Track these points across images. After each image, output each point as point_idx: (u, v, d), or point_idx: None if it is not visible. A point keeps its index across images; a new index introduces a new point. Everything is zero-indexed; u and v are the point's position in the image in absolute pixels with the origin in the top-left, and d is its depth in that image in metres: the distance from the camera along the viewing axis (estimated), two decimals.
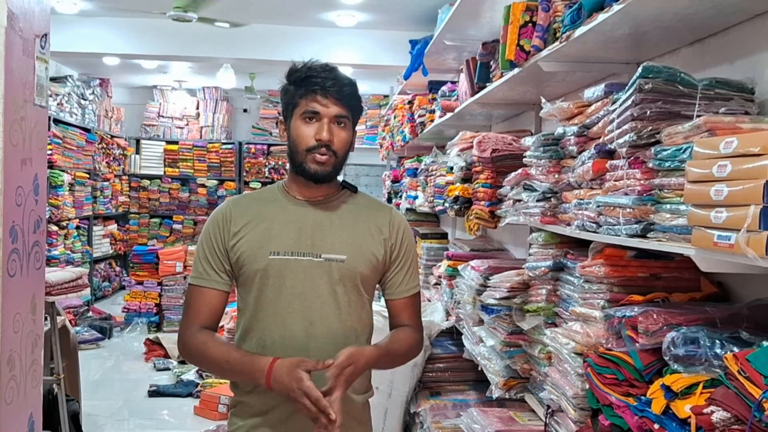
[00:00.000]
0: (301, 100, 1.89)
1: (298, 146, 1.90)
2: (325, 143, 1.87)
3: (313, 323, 1.90)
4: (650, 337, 1.59)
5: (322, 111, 1.87)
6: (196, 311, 1.94)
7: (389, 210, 2.07)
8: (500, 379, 2.68)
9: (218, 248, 1.94)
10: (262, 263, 1.90)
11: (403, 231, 2.04)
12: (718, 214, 1.25)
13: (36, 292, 2.07)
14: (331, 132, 1.87)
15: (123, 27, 7.65)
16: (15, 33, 1.85)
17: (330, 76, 1.89)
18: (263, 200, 2.02)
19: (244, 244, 1.92)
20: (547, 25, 2.41)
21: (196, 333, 1.91)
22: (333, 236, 1.94)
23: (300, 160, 1.90)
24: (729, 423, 1.26)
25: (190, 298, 1.96)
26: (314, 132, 1.87)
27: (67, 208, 8.58)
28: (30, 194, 1.99)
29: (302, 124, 1.89)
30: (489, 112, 4.11)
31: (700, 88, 1.62)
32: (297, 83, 1.91)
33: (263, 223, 1.94)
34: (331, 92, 1.87)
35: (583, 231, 1.98)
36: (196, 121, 11.80)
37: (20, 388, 1.97)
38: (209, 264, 1.95)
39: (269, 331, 1.90)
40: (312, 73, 1.89)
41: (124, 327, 8.33)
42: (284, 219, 1.94)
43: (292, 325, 1.89)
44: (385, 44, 7.56)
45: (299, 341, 1.89)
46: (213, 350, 1.87)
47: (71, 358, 4.49)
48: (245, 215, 1.96)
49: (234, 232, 1.94)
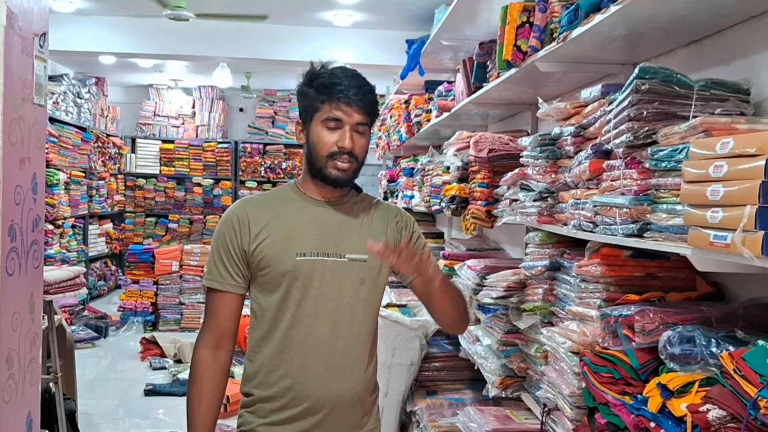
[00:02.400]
0: (323, 105, 1.89)
1: (319, 151, 1.90)
2: (348, 151, 1.88)
3: (338, 323, 1.92)
4: (646, 336, 1.60)
5: (344, 119, 1.87)
6: (215, 315, 1.97)
7: (396, 207, 2.12)
8: (497, 378, 2.69)
9: (235, 251, 1.93)
10: (289, 264, 1.89)
11: (410, 220, 2.10)
12: (714, 214, 1.26)
13: (34, 291, 2.07)
14: (353, 139, 1.88)
15: (119, 26, 7.64)
16: (14, 32, 1.85)
17: (353, 83, 1.89)
18: (279, 199, 2.01)
19: (267, 246, 1.91)
20: (544, 26, 2.41)
21: (206, 356, 1.95)
22: (354, 236, 1.96)
23: (320, 165, 1.91)
24: (725, 421, 1.27)
25: (209, 301, 1.98)
26: (336, 139, 1.88)
27: (62, 207, 8.57)
28: (28, 193, 1.99)
29: (323, 129, 1.89)
30: (485, 112, 4.12)
31: (696, 89, 1.63)
32: (319, 89, 1.90)
33: (284, 224, 1.93)
34: (354, 101, 1.87)
35: (580, 231, 1.99)
36: (192, 120, 11.79)
37: (18, 387, 1.97)
38: (225, 268, 1.94)
39: (295, 331, 1.91)
40: (335, 80, 1.88)
41: (120, 326, 8.32)
42: (305, 219, 1.95)
43: (319, 326, 1.91)
44: (382, 44, 7.56)
45: (325, 341, 1.91)
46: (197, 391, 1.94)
47: (67, 357, 4.48)
48: (264, 216, 1.94)
49: (255, 234, 1.92)
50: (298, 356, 1.91)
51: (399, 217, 2.07)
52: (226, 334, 1.97)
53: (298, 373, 1.91)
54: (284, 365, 1.92)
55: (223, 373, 1.98)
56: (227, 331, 1.97)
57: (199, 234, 11.42)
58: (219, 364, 1.96)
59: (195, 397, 1.95)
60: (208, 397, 1.94)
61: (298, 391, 1.90)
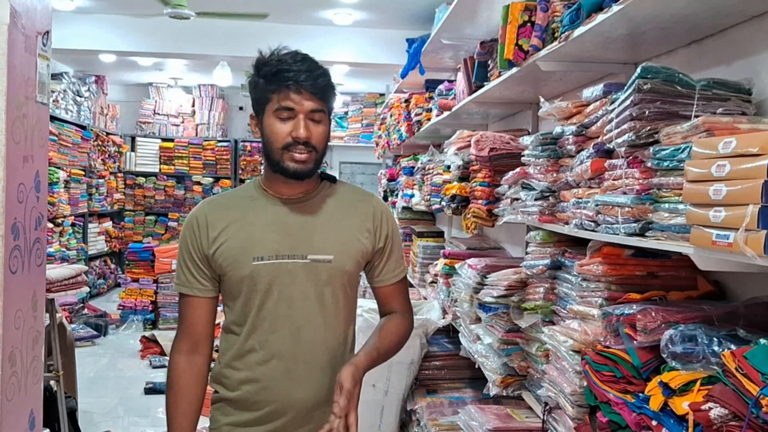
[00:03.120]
0: (273, 95, 1.79)
1: (273, 144, 1.81)
2: (303, 141, 1.79)
3: (300, 327, 1.86)
4: (648, 335, 1.61)
5: (296, 107, 1.78)
6: (187, 320, 1.94)
7: (371, 198, 2.02)
8: (497, 376, 2.70)
9: (198, 255, 1.89)
10: (246, 270, 1.84)
11: (387, 218, 1.99)
12: (716, 213, 1.27)
13: (37, 289, 2.08)
14: (307, 128, 1.79)
15: (119, 24, 7.63)
16: (17, 30, 1.86)
17: (303, 68, 1.78)
18: (240, 200, 1.94)
19: (225, 250, 1.85)
20: (545, 25, 2.42)
21: (180, 361, 1.93)
22: (318, 236, 1.88)
23: (277, 158, 1.82)
24: (727, 419, 1.28)
25: (181, 306, 1.96)
26: (290, 129, 1.79)
27: (62, 205, 8.57)
28: (31, 191, 1.99)
29: (276, 121, 1.80)
30: (486, 111, 4.12)
31: (698, 89, 1.64)
32: (267, 78, 1.80)
33: (244, 226, 1.87)
34: (305, 86, 1.77)
35: (582, 230, 1.99)
36: (192, 118, 11.79)
37: (21, 385, 1.98)
38: (190, 272, 1.91)
39: (256, 336, 1.87)
40: (283, 66, 1.77)
41: (120, 324, 8.32)
42: (266, 220, 1.87)
43: (280, 330, 1.86)
44: (382, 43, 7.56)
45: (285, 346, 1.86)
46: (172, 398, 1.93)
47: (68, 356, 4.49)
48: (223, 218, 1.88)
49: (213, 238, 1.87)
50: (259, 361, 1.87)
51: (375, 214, 1.96)
52: (201, 338, 1.93)
53: (260, 379, 1.87)
54: (245, 370, 1.88)
55: (200, 379, 1.94)
56: (201, 336, 1.93)
57: None
58: (195, 369, 1.93)
59: (171, 404, 1.93)
60: (184, 402, 1.92)
61: (260, 396, 1.86)
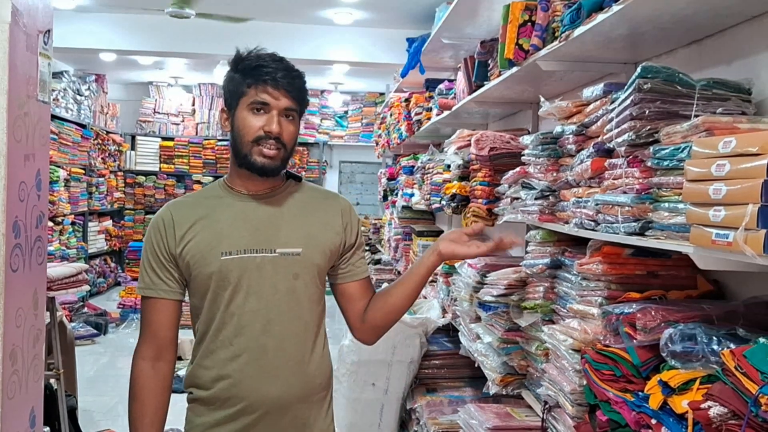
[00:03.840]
0: (249, 89, 1.80)
1: (243, 137, 1.82)
2: (275, 136, 1.80)
3: (270, 321, 1.85)
4: (648, 334, 1.61)
5: (271, 102, 1.80)
6: (151, 324, 1.91)
7: (337, 197, 2.06)
8: (497, 375, 2.70)
9: (163, 256, 1.88)
10: (215, 266, 1.83)
11: (354, 216, 2.02)
12: (716, 213, 1.27)
13: (38, 287, 2.08)
14: (280, 124, 1.80)
15: (119, 23, 7.63)
16: (19, 29, 1.86)
17: (281, 67, 1.81)
18: (206, 199, 1.94)
19: (192, 247, 1.85)
20: (546, 25, 2.42)
21: (144, 368, 1.91)
22: (286, 230, 1.88)
23: (245, 151, 1.82)
24: (726, 418, 1.28)
25: (143, 310, 1.93)
26: (262, 123, 1.80)
27: (62, 204, 8.57)
28: (32, 190, 1.99)
29: (249, 114, 1.81)
30: (486, 110, 4.13)
31: (698, 89, 1.64)
32: (245, 72, 1.82)
33: (211, 224, 1.87)
34: (281, 84, 1.80)
35: (582, 229, 2.00)
36: (192, 117, 11.78)
37: (22, 383, 1.98)
38: (155, 274, 1.89)
39: (225, 332, 1.85)
40: (262, 62, 1.81)
41: (120, 323, 8.32)
42: (232, 216, 1.87)
43: (249, 326, 1.84)
44: (382, 42, 7.56)
45: (255, 340, 1.85)
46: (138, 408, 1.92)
47: (68, 354, 4.49)
48: (189, 217, 1.88)
49: (180, 236, 1.86)
50: (229, 357, 1.85)
51: (343, 212, 1.98)
52: (165, 343, 1.91)
53: (231, 375, 1.85)
54: (216, 367, 1.86)
55: (165, 385, 1.92)
56: (165, 341, 1.91)
57: None
58: (159, 376, 1.91)
59: (137, 414, 1.91)
60: (150, 412, 1.90)
61: (232, 393, 1.85)
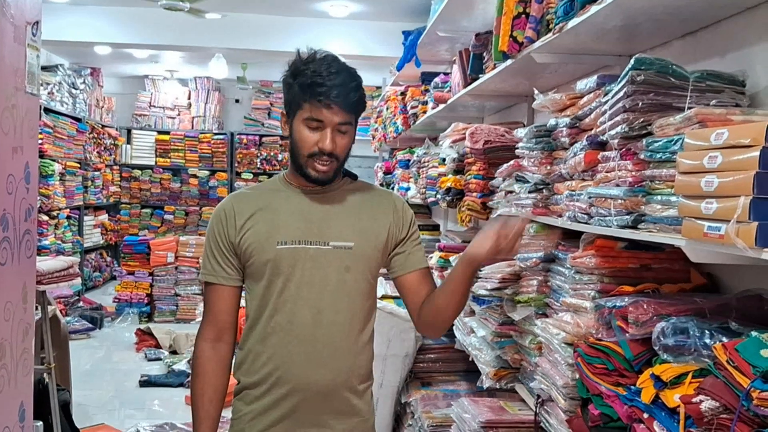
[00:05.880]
0: (305, 104, 1.85)
1: (299, 149, 1.90)
2: (328, 152, 1.87)
3: (321, 311, 1.92)
4: (640, 328, 1.60)
5: (326, 120, 1.85)
6: (212, 308, 2.00)
7: (389, 194, 2.14)
8: (491, 369, 2.69)
9: (225, 244, 1.97)
10: (271, 254, 1.91)
11: (408, 211, 2.08)
12: (708, 205, 1.26)
13: (27, 281, 2.07)
14: (334, 141, 1.86)
15: (114, 16, 7.60)
16: (6, 20, 1.84)
17: (336, 82, 1.83)
18: (265, 192, 2.03)
19: (251, 236, 1.93)
20: (540, 17, 2.41)
21: (206, 349, 1.99)
22: (340, 224, 1.96)
23: (301, 162, 1.91)
24: (717, 412, 1.27)
25: (206, 295, 2.03)
26: (317, 139, 1.86)
27: (57, 197, 8.54)
28: (21, 182, 1.98)
29: (305, 128, 1.87)
30: (481, 103, 4.12)
31: (691, 81, 1.63)
32: (302, 87, 1.85)
33: (269, 214, 1.95)
34: (336, 102, 1.83)
35: (575, 222, 1.99)
36: (188, 111, 11.75)
37: (11, 377, 1.97)
38: (217, 261, 1.98)
39: (277, 318, 1.93)
40: (318, 79, 1.82)
41: (115, 317, 8.33)
42: (290, 209, 1.96)
43: (300, 313, 1.92)
44: (378, 35, 7.54)
45: (306, 328, 1.92)
46: (199, 385, 1.98)
47: (62, 348, 4.48)
48: (249, 208, 1.97)
49: (240, 226, 1.95)
50: (280, 343, 1.93)
51: (396, 207, 2.05)
52: (225, 326, 2.00)
53: (280, 360, 1.92)
54: (267, 351, 1.94)
55: (225, 366, 2.00)
56: (226, 324, 2.00)
57: (194, 225, 11.40)
58: (219, 356, 1.99)
59: (198, 391, 1.98)
60: (210, 390, 1.97)
61: (278, 377, 1.92)
